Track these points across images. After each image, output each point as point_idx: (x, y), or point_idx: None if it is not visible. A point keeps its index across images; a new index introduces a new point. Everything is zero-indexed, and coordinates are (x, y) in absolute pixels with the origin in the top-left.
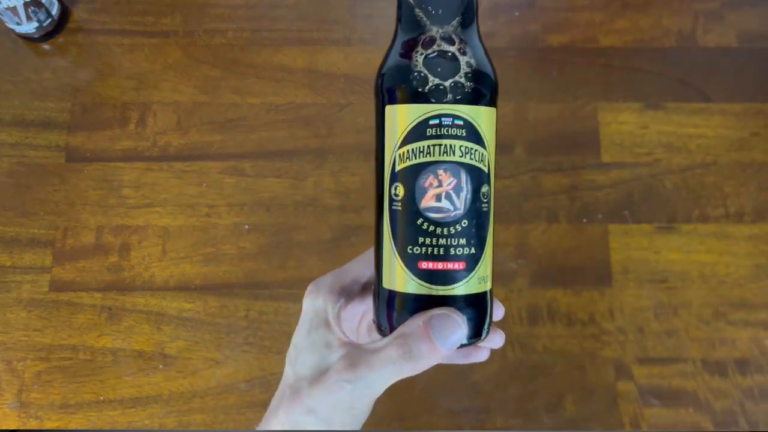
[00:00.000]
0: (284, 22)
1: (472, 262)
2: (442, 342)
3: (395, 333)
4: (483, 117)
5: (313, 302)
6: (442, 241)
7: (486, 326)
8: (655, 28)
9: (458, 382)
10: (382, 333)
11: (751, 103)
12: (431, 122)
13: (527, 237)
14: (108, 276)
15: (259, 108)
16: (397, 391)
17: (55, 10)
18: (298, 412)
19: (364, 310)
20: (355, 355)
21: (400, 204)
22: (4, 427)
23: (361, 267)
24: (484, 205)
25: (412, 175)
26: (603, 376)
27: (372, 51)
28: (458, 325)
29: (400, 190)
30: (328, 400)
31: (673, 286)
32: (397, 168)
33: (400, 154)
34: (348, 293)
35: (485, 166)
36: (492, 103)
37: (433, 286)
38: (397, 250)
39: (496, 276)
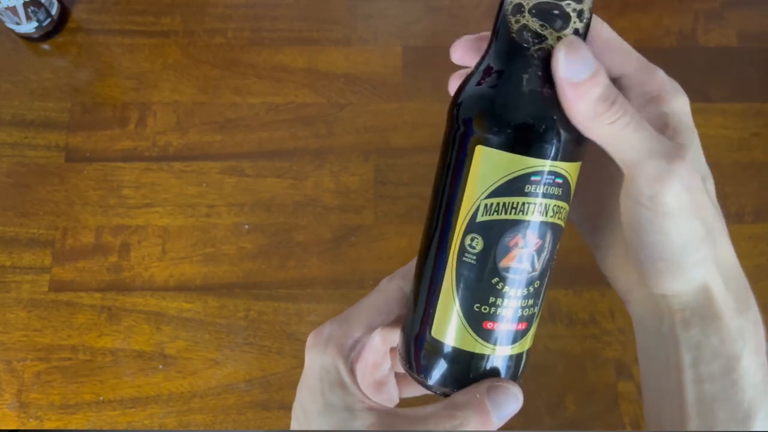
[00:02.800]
0: (284, 22)
1: (533, 320)
2: (497, 416)
3: (447, 402)
4: (576, 172)
5: (321, 358)
6: (513, 303)
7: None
8: (655, 28)
9: None
10: (421, 382)
11: (751, 103)
12: (533, 178)
13: None
14: (108, 276)
15: (259, 108)
16: None
17: (54, 10)
18: None
19: (375, 361)
20: (392, 423)
21: (474, 258)
22: (4, 428)
23: (370, 315)
24: (553, 262)
25: (497, 230)
26: (604, 376)
27: (372, 51)
28: (515, 399)
29: (479, 244)
30: None
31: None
32: (479, 218)
33: (486, 205)
34: (359, 346)
35: (564, 222)
36: (582, 157)
37: (491, 345)
38: (461, 305)
39: None
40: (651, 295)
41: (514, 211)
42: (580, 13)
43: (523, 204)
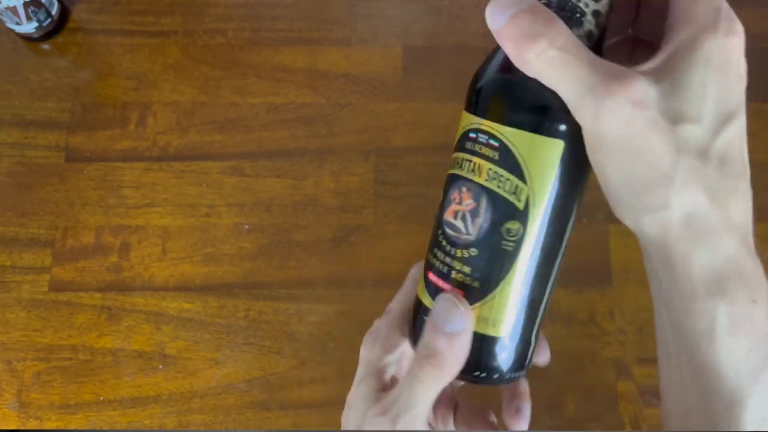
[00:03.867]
0: (284, 22)
1: (473, 296)
2: (445, 324)
3: (417, 350)
4: (528, 145)
5: (370, 353)
6: (447, 260)
7: (478, 371)
8: None
9: None
10: (412, 345)
11: (752, 102)
12: (470, 135)
13: None
14: (108, 276)
15: (259, 108)
16: None
17: (54, 10)
18: None
19: None
20: (390, 395)
21: (438, 210)
22: (4, 427)
23: (408, 307)
24: (505, 243)
25: (447, 183)
26: (603, 376)
27: (372, 51)
28: (454, 305)
29: (441, 196)
30: None
31: None
32: (447, 171)
33: (451, 159)
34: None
35: (519, 201)
36: (552, 133)
37: (429, 298)
38: (426, 255)
39: None
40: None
41: (456, 165)
42: None
43: (462, 160)
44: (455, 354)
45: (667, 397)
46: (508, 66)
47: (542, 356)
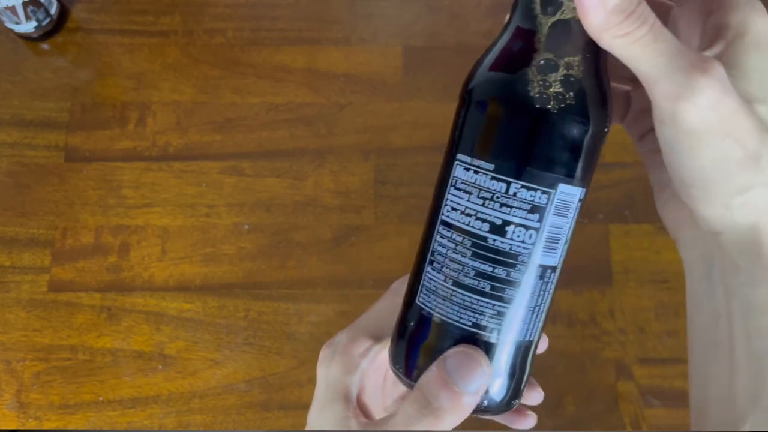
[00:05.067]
0: (284, 21)
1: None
2: (461, 383)
3: (415, 395)
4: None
5: (327, 371)
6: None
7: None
8: None
9: None
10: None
11: None
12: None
13: None
14: (107, 276)
15: (259, 108)
16: None
17: (54, 10)
18: None
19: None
20: (370, 427)
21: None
22: (4, 428)
23: (380, 322)
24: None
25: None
26: (604, 377)
27: (372, 50)
28: (477, 363)
29: None
30: None
31: (674, 287)
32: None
33: None
34: (371, 355)
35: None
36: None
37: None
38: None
39: None
40: (700, 235)
41: None
42: None
43: None
44: (460, 414)
45: (707, 393)
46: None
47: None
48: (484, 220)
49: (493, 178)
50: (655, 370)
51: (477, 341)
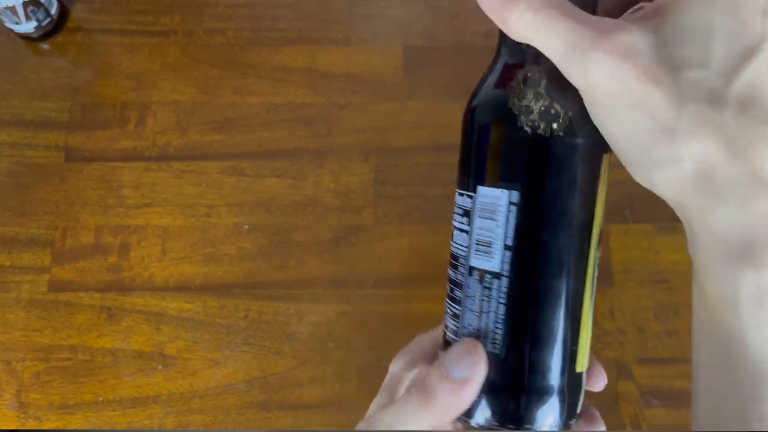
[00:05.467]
0: (284, 21)
1: None
2: (452, 369)
3: (412, 383)
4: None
5: (394, 365)
6: None
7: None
8: None
9: None
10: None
11: None
12: None
13: None
14: (107, 276)
15: (259, 108)
16: None
17: (54, 10)
18: None
19: None
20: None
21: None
22: (4, 428)
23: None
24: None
25: None
26: None
27: (372, 51)
28: (468, 352)
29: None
30: None
31: (673, 287)
32: (602, 229)
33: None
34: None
35: None
36: None
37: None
38: (591, 327)
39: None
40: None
41: None
42: None
43: None
44: (454, 401)
45: (696, 373)
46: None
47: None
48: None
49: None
50: (655, 370)
51: (447, 342)
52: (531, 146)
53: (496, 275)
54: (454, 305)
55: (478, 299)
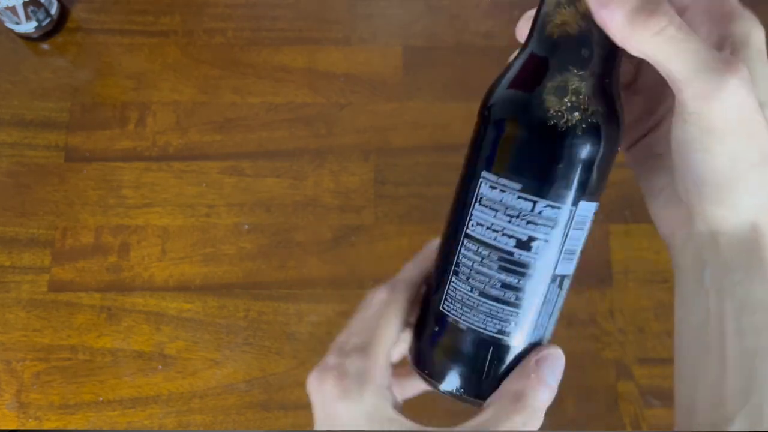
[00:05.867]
0: (284, 21)
1: None
2: (553, 378)
3: (507, 395)
4: None
5: (360, 407)
6: None
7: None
8: None
9: None
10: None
11: None
12: None
13: None
14: (107, 276)
15: (259, 108)
16: None
17: (54, 10)
18: None
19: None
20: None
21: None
22: (4, 428)
23: (389, 334)
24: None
25: None
26: (603, 377)
27: (372, 50)
28: (559, 357)
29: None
30: None
31: (673, 287)
32: None
33: None
34: (389, 371)
35: None
36: None
37: None
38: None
39: None
40: (695, 237)
41: None
42: None
43: None
44: (546, 406)
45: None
46: None
47: None
48: (510, 236)
49: (519, 197)
50: (655, 370)
51: (500, 346)
52: (613, 161)
53: (569, 277)
54: (506, 307)
55: (553, 301)
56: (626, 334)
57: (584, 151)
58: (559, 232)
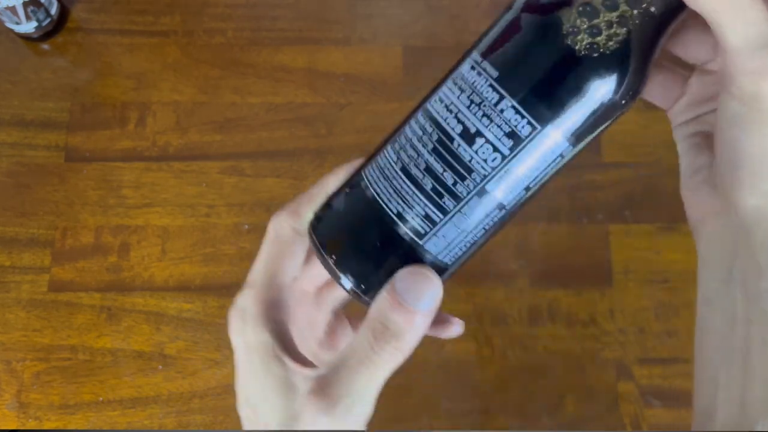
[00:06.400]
0: (284, 21)
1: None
2: (416, 302)
3: (369, 322)
4: None
5: (244, 339)
6: None
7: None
8: None
9: (458, 383)
10: None
11: None
12: None
13: (527, 237)
14: (107, 276)
15: (259, 108)
16: (397, 393)
17: (54, 10)
18: None
19: (309, 317)
20: (324, 376)
21: None
22: (4, 428)
23: (277, 269)
24: None
25: None
26: (604, 377)
27: (372, 51)
28: (428, 279)
29: None
30: None
31: (674, 287)
32: None
33: None
34: (282, 307)
35: None
36: None
37: None
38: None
39: (496, 276)
40: (725, 231)
41: None
42: None
43: None
44: (418, 333)
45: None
46: None
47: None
48: (460, 122)
49: (490, 85)
50: (655, 370)
51: (393, 232)
52: (612, 115)
53: (501, 208)
54: (417, 192)
55: (470, 221)
56: (626, 334)
57: (580, 77)
58: (511, 144)
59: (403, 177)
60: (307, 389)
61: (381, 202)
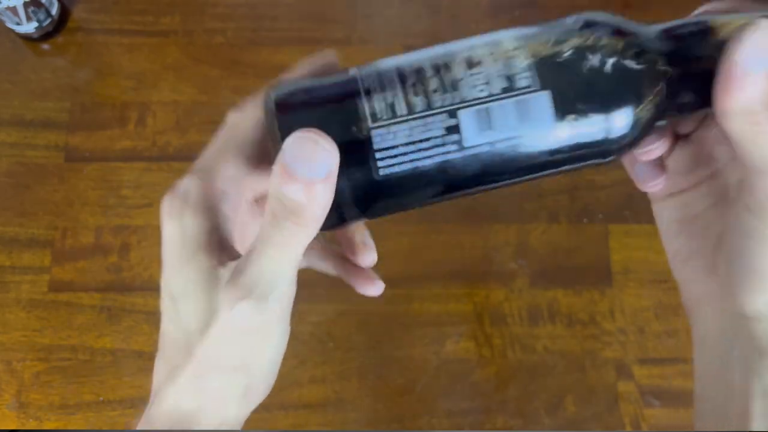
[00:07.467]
0: (284, 21)
1: None
2: (308, 172)
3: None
4: None
5: (181, 222)
6: None
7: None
8: None
9: (458, 383)
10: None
11: None
12: None
13: (527, 237)
14: (107, 276)
15: None
16: (397, 393)
17: (54, 10)
18: (202, 377)
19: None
20: (236, 266)
21: None
22: (4, 428)
23: (232, 154)
24: None
25: None
26: (603, 377)
27: (372, 50)
28: (315, 142)
29: None
30: (228, 339)
31: (674, 286)
32: None
33: None
34: (231, 198)
35: None
36: None
37: None
38: None
39: (496, 276)
40: (726, 314)
41: None
42: None
43: None
44: (320, 203)
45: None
46: None
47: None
48: (471, 49)
49: (516, 48)
50: (655, 370)
51: (353, 104)
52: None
53: (462, 149)
54: (400, 96)
55: (428, 142)
56: (626, 334)
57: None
58: (503, 86)
59: (392, 69)
60: (225, 281)
61: (359, 80)
